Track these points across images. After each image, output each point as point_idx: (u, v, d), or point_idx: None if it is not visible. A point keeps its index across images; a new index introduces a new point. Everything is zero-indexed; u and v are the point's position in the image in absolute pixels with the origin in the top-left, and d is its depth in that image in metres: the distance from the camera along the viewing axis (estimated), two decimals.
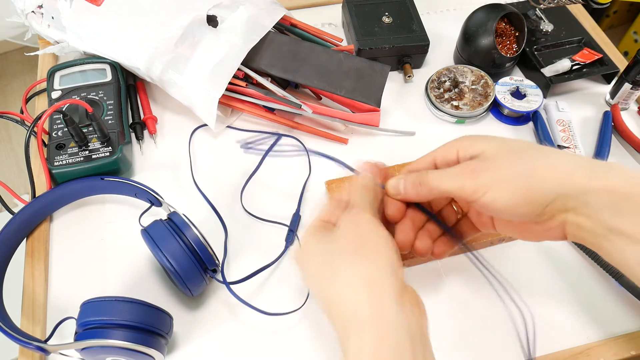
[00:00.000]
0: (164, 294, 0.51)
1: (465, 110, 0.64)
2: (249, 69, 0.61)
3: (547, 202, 0.36)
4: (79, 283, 0.52)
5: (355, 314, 0.35)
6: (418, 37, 0.68)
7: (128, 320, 0.41)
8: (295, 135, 0.63)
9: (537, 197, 0.37)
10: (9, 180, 1.65)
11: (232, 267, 0.53)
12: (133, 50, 0.60)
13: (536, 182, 0.37)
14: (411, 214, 0.44)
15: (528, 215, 0.37)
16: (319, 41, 0.67)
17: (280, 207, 0.57)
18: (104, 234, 0.55)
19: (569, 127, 0.63)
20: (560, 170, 0.37)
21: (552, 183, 0.36)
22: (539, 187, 0.37)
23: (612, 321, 0.50)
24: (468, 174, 0.38)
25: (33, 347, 0.43)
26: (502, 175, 0.38)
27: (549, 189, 0.36)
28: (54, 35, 0.63)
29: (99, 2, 0.60)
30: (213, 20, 0.61)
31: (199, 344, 0.48)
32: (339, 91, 0.61)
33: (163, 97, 0.67)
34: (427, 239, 0.43)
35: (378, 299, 0.35)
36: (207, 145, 0.63)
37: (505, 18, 0.69)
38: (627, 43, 1.74)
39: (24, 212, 0.53)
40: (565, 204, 0.36)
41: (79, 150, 0.56)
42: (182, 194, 0.58)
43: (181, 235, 0.46)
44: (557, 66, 0.66)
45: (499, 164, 0.38)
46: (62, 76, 0.62)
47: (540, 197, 0.37)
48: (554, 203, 0.36)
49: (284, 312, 0.49)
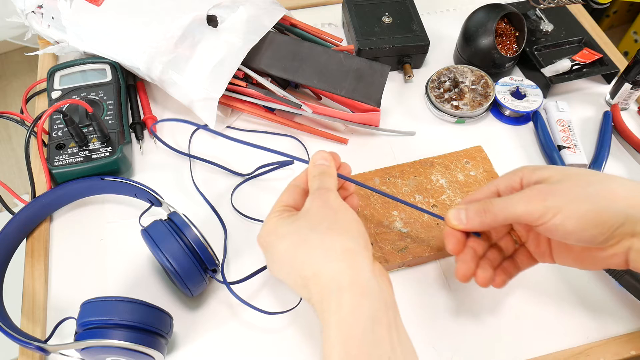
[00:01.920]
0: (164, 294, 0.51)
1: (465, 110, 0.64)
2: (249, 69, 0.61)
3: (617, 225, 0.36)
4: (79, 283, 0.52)
5: (334, 282, 0.36)
6: (418, 37, 0.68)
7: (128, 320, 0.41)
8: (295, 135, 0.63)
9: (606, 220, 0.36)
10: (9, 180, 1.65)
11: (232, 267, 0.53)
12: (133, 50, 0.60)
13: (606, 204, 0.37)
14: (472, 243, 0.43)
15: (595, 239, 0.37)
16: (319, 41, 0.67)
17: None
18: (104, 234, 0.55)
19: (569, 127, 0.63)
20: (630, 193, 0.37)
21: (622, 205, 0.36)
22: (608, 208, 0.37)
23: (612, 321, 0.50)
24: (536, 197, 0.38)
25: (33, 347, 0.43)
26: (571, 197, 0.37)
27: (618, 211, 0.36)
28: (54, 35, 0.63)
29: (99, 2, 0.60)
30: (213, 20, 0.61)
31: (199, 344, 0.48)
32: (339, 91, 0.61)
33: (163, 97, 0.67)
34: (489, 269, 0.43)
35: (355, 268, 0.37)
36: (207, 145, 0.63)
37: (505, 18, 0.69)
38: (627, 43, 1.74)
39: (24, 212, 0.53)
40: (634, 227, 0.36)
41: (79, 150, 0.56)
42: (182, 194, 0.58)
43: (181, 235, 0.46)
44: (557, 66, 0.66)
45: (568, 186, 0.38)
46: (62, 76, 0.62)
47: (610, 220, 0.36)
48: (623, 227, 0.36)
49: (284, 311, 0.49)
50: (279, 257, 0.40)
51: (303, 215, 0.40)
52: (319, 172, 0.43)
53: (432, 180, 0.57)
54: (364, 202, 0.55)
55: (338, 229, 0.39)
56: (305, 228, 0.39)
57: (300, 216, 0.40)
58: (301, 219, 0.40)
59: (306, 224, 0.39)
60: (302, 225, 0.39)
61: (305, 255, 0.38)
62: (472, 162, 0.59)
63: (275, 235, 0.40)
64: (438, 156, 0.59)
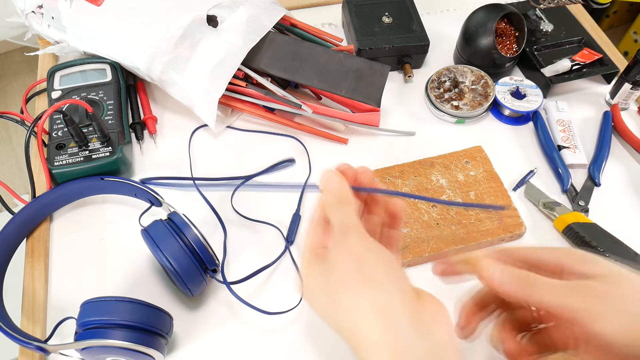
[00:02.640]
0: (164, 294, 0.51)
1: (465, 110, 0.64)
2: (249, 69, 0.61)
3: None
4: (79, 283, 0.52)
5: (369, 345, 0.32)
6: (418, 37, 0.68)
7: (128, 320, 0.41)
8: (295, 135, 0.63)
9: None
10: (9, 180, 1.65)
11: (232, 267, 0.53)
12: (133, 50, 0.60)
13: None
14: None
15: (628, 349, 0.33)
16: (319, 41, 0.67)
17: (281, 208, 0.57)
18: (104, 234, 0.55)
19: (569, 127, 0.63)
20: None
21: None
22: None
23: None
24: (590, 297, 0.34)
25: (33, 347, 0.43)
26: (626, 307, 0.33)
27: None
28: (54, 35, 0.63)
29: (99, 2, 0.60)
30: (213, 20, 0.61)
31: (199, 344, 0.48)
32: (339, 91, 0.61)
33: (163, 97, 0.67)
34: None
35: (389, 326, 0.32)
36: (207, 145, 0.63)
37: (505, 18, 0.69)
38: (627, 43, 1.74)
39: (24, 212, 0.53)
40: None
41: (79, 150, 0.56)
42: (182, 194, 0.58)
43: (181, 235, 0.46)
44: (557, 66, 0.66)
45: (622, 293, 0.34)
46: (62, 76, 0.62)
47: None
48: None
49: (284, 311, 0.49)
50: (317, 310, 0.37)
51: (328, 265, 0.36)
52: (333, 201, 0.38)
53: (432, 180, 0.57)
54: None
55: (365, 282, 0.34)
56: (331, 283, 0.35)
57: (325, 266, 0.36)
58: (327, 270, 0.36)
59: (332, 279, 0.35)
60: (328, 281, 0.36)
61: (337, 314, 0.35)
62: (472, 162, 0.59)
63: (308, 289, 0.37)
64: (438, 156, 0.59)
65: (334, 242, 0.36)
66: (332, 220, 0.37)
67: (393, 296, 0.33)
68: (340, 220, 0.36)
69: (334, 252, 0.36)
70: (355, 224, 0.36)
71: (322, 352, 0.48)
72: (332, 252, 0.36)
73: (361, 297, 0.33)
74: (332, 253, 0.36)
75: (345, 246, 0.35)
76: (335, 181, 0.38)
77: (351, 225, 0.36)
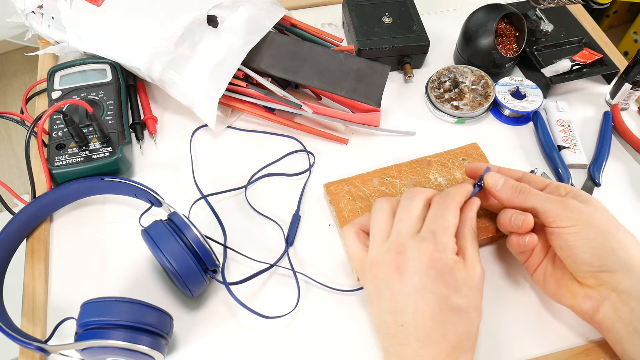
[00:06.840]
0: (164, 294, 0.51)
1: (465, 111, 0.64)
2: (249, 69, 0.61)
3: (609, 267, 0.41)
4: (79, 283, 0.52)
5: None
6: (418, 37, 0.68)
7: (128, 321, 0.41)
8: (295, 135, 0.63)
9: (604, 255, 0.41)
10: (9, 180, 1.65)
11: (232, 267, 0.53)
12: (133, 50, 0.60)
13: (614, 246, 0.41)
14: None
15: (585, 268, 0.42)
16: (319, 41, 0.67)
17: (280, 208, 0.57)
18: (104, 234, 0.55)
19: (569, 127, 0.63)
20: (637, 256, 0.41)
21: (625, 258, 0.41)
22: (613, 250, 0.41)
23: None
24: (568, 206, 0.43)
25: (33, 348, 0.43)
26: (594, 223, 0.42)
27: (618, 259, 0.41)
28: (54, 36, 0.63)
29: (99, 2, 0.60)
30: (213, 21, 0.61)
31: (199, 344, 0.48)
32: (339, 91, 0.61)
33: (163, 97, 0.67)
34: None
35: None
36: (207, 145, 0.63)
37: (505, 18, 0.69)
38: (627, 43, 1.74)
39: (24, 212, 0.53)
40: (618, 283, 0.41)
41: (79, 150, 0.56)
42: (183, 195, 0.58)
43: (181, 236, 0.46)
44: (557, 66, 0.66)
45: (597, 216, 0.43)
46: (62, 76, 0.62)
47: (607, 258, 0.41)
48: (611, 274, 0.41)
49: (282, 315, 0.49)
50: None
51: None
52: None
53: (430, 179, 0.57)
54: (363, 204, 0.55)
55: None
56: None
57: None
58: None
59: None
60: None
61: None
62: (468, 159, 0.59)
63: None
64: (435, 154, 0.59)
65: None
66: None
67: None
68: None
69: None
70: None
71: (322, 353, 0.48)
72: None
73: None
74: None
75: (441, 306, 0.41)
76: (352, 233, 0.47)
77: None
